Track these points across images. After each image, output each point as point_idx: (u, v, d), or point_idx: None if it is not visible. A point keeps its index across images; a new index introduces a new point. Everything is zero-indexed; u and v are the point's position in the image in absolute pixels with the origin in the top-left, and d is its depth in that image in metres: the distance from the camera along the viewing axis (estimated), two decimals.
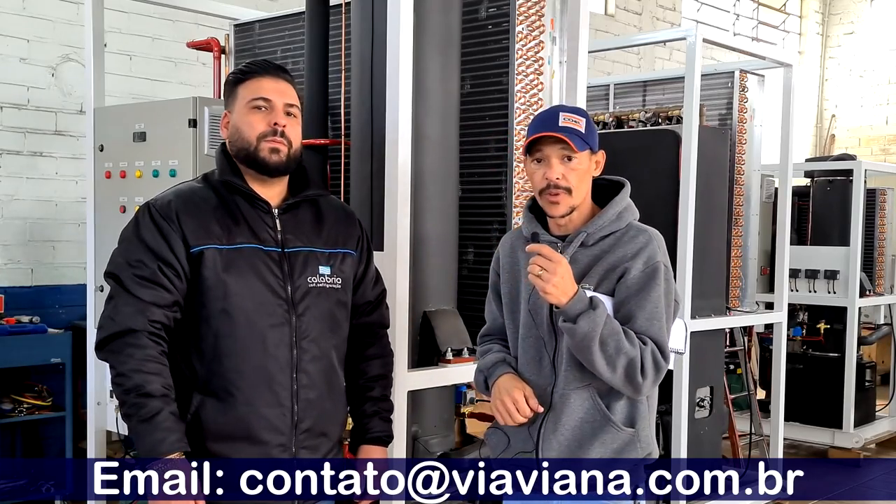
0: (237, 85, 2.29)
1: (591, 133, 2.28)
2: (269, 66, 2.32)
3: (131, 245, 2.20)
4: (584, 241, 2.27)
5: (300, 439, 2.24)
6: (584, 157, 2.25)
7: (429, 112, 3.12)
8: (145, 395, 2.08)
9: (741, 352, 5.81)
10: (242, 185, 2.26)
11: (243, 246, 2.21)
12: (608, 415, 2.23)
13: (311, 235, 2.31)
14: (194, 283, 2.19)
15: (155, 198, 2.27)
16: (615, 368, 2.14)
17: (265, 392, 2.20)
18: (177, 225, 2.19)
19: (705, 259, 4.67)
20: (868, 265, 7.11)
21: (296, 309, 2.24)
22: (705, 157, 4.60)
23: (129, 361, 2.10)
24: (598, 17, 9.70)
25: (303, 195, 2.33)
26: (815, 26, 13.09)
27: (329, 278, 2.30)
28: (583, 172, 2.25)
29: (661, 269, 2.21)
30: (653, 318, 2.19)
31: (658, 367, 2.17)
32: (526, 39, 3.36)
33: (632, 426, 2.25)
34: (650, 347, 2.16)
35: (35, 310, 5.19)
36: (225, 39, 4.40)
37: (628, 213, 2.30)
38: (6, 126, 5.44)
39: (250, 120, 2.25)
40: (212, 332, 2.18)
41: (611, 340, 2.13)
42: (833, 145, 12.80)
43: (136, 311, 2.13)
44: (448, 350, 3.09)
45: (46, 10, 5.54)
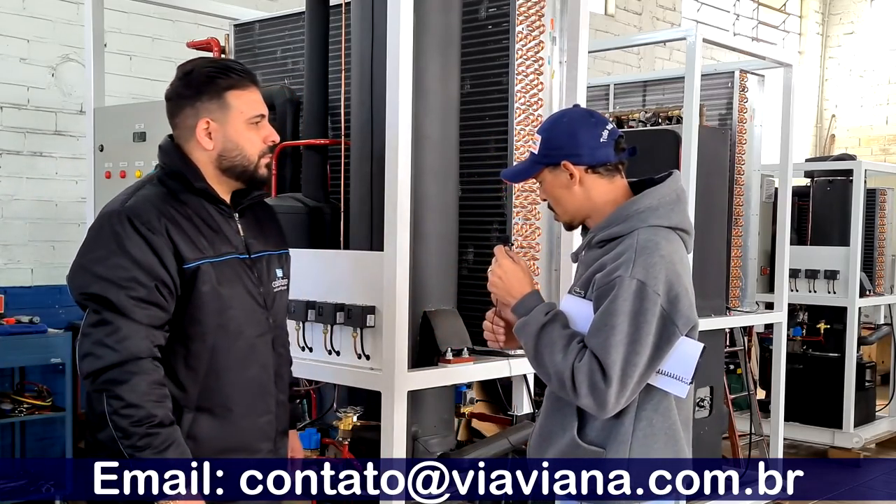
0: (226, 92, 2.15)
1: (544, 148, 2.21)
2: (250, 72, 2.25)
3: (116, 260, 2.03)
4: (589, 244, 2.23)
5: (278, 442, 2.28)
6: (544, 175, 2.22)
7: (429, 112, 3.11)
8: (158, 426, 1.99)
9: (741, 352, 5.81)
10: (215, 192, 2.18)
11: (228, 257, 2.15)
12: (571, 427, 2.15)
13: (264, 238, 2.29)
14: (186, 299, 2.08)
15: (127, 206, 2.09)
16: (547, 378, 2.11)
17: (259, 402, 2.21)
18: (167, 238, 2.05)
19: (705, 259, 4.67)
20: (868, 265, 7.11)
21: (271, 315, 2.23)
22: (705, 157, 4.60)
23: (137, 390, 1.98)
24: (598, 17, 9.70)
25: (253, 196, 2.26)
26: (815, 26, 13.09)
27: (282, 280, 2.31)
28: (551, 190, 2.23)
29: (626, 284, 2.04)
30: (600, 332, 2.04)
31: (595, 386, 2.01)
32: (526, 39, 3.36)
33: (601, 446, 2.12)
34: (586, 365, 2.02)
35: (35, 310, 5.18)
36: (225, 39, 4.40)
37: (640, 219, 2.14)
38: (6, 126, 5.44)
39: (251, 137, 2.18)
40: (207, 348, 2.11)
41: (545, 351, 2.09)
42: (833, 145, 12.80)
43: (141, 338, 2.00)
44: (448, 350, 3.09)
45: (46, 10, 5.54)
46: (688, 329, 2.10)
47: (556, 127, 2.23)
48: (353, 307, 3.01)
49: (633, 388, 2.04)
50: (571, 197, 2.21)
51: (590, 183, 2.20)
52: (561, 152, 2.19)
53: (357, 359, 3.04)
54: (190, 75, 2.18)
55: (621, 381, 2.02)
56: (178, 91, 2.19)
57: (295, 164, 3.84)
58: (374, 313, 2.97)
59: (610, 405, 2.03)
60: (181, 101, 2.18)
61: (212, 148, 2.17)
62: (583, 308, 2.14)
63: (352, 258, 3.14)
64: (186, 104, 2.17)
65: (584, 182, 2.20)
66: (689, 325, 2.10)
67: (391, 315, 2.90)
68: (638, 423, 2.12)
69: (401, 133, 2.91)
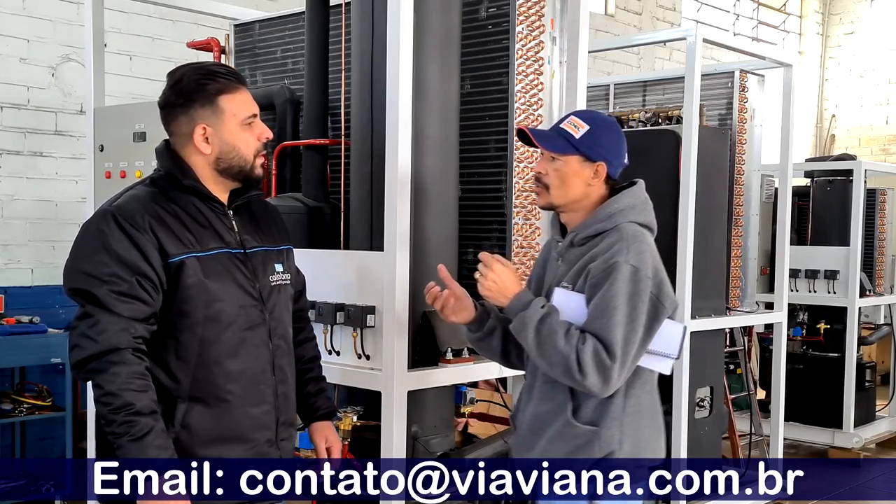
0: (217, 97, 2.22)
1: (590, 141, 2.37)
2: (237, 73, 2.33)
3: (100, 257, 2.11)
4: (573, 241, 2.39)
5: (280, 432, 2.31)
6: (572, 160, 2.37)
7: (429, 112, 3.11)
8: (135, 414, 2.05)
9: (741, 352, 5.81)
10: (205, 189, 2.25)
11: (217, 251, 2.22)
12: (565, 411, 2.30)
13: (261, 234, 2.35)
14: (172, 292, 2.15)
15: (114, 205, 2.18)
16: (552, 365, 2.24)
17: (253, 393, 2.24)
18: (151, 235, 2.13)
19: (705, 259, 4.67)
20: (868, 265, 7.11)
21: (267, 308, 2.29)
22: (705, 157, 4.60)
23: (116, 380, 2.05)
24: (598, 17, 9.70)
25: (248, 195, 2.34)
26: (815, 26, 13.09)
27: (282, 275, 2.37)
28: (567, 175, 2.37)
29: (623, 269, 2.23)
30: (602, 315, 2.22)
31: (601, 364, 2.18)
32: (526, 39, 3.36)
33: (593, 424, 2.28)
34: (591, 346, 2.19)
35: (35, 310, 5.19)
36: (225, 39, 4.40)
37: (622, 215, 2.35)
38: (6, 126, 5.44)
39: (246, 137, 2.26)
40: (196, 339, 2.17)
41: (548, 339, 2.23)
42: (833, 145, 12.81)
43: (119, 330, 2.07)
44: (448, 350, 3.09)
45: (46, 10, 5.54)
46: (673, 309, 2.31)
47: (608, 129, 2.41)
48: (353, 307, 3.01)
49: (629, 366, 2.23)
50: (579, 189, 2.38)
51: (598, 187, 2.40)
52: (604, 153, 2.38)
53: (357, 359, 3.04)
54: (180, 83, 2.25)
55: (623, 359, 2.20)
56: (170, 100, 2.26)
57: (295, 164, 3.84)
58: (374, 313, 2.97)
59: (613, 381, 2.20)
60: (174, 109, 2.26)
61: (210, 152, 2.25)
62: (573, 300, 2.30)
63: (352, 258, 3.14)
64: (180, 112, 2.24)
65: (595, 184, 2.39)
66: (674, 306, 2.31)
67: (391, 315, 2.91)
68: (628, 401, 2.30)
69: (401, 133, 2.91)
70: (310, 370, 2.54)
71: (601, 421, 2.27)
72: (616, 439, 2.27)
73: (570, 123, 2.39)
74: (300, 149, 3.77)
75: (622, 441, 2.28)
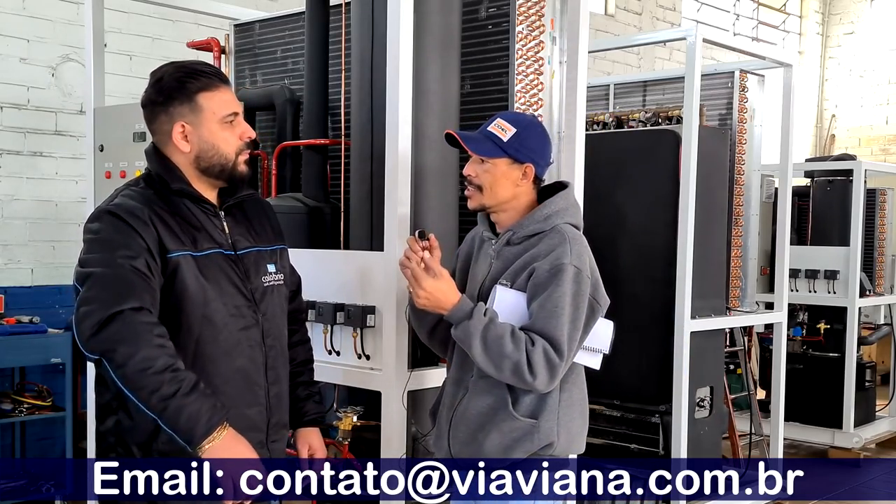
0: (196, 94, 2.22)
1: (517, 143, 2.41)
2: (219, 72, 2.32)
3: (101, 246, 2.10)
4: (510, 240, 2.44)
5: (270, 434, 2.31)
6: (501, 163, 2.42)
7: (429, 112, 3.11)
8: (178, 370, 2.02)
9: (741, 352, 5.81)
10: (195, 191, 2.24)
11: (211, 251, 2.21)
12: (506, 405, 2.36)
13: (253, 234, 2.34)
14: (168, 290, 2.13)
15: (112, 204, 2.18)
16: (501, 370, 2.29)
17: (246, 393, 2.25)
18: (152, 228, 2.13)
19: (705, 259, 4.67)
20: (868, 265, 7.10)
21: (260, 309, 2.28)
22: (705, 157, 4.60)
23: (146, 339, 1.99)
24: (598, 17, 9.70)
25: (240, 196, 2.33)
26: (815, 26, 13.09)
27: (275, 275, 2.37)
28: (497, 177, 2.42)
29: (568, 271, 2.31)
30: (551, 316, 2.29)
31: (551, 364, 2.26)
32: (526, 39, 3.36)
33: (533, 417, 2.36)
34: (540, 346, 2.26)
35: (35, 310, 5.18)
36: (225, 39, 4.40)
37: (559, 217, 2.42)
38: (6, 126, 5.44)
39: (226, 136, 2.25)
40: (192, 338, 2.16)
41: (494, 346, 2.27)
42: (833, 145, 12.81)
43: (129, 291, 2.03)
44: None
45: (46, 10, 5.54)
46: (605, 309, 2.42)
47: (534, 131, 2.48)
48: (353, 307, 3.01)
49: (569, 362, 2.33)
50: (508, 191, 2.44)
51: (526, 187, 2.46)
52: (532, 155, 2.44)
53: (357, 359, 3.04)
54: (161, 82, 2.26)
55: (568, 356, 2.30)
56: (151, 98, 2.26)
57: (295, 164, 3.84)
58: (374, 313, 2.98)
59: (558, 377, 2.31)
60: (155, 107, 2.26)
61: (189, 150, 2.24)
62: (512, 297, 2.36)
63: (352, 258, 3.14)
64: (160, 110, 2.25)
65: (524, 185, 2.45)
66: (607, 305, 2.43)
67: (391, 315, 2.91)
68: (562, 395, 2.39)
69: (401, 133, 2.91)
70: (300, 374, 2.51)
71: (540, 414, 2.36)
72: (554, 431, 2.36)
73: (498, 126, 2.44)
74: (300, 149, 3.77)
75: (559, 433, 2.37)
